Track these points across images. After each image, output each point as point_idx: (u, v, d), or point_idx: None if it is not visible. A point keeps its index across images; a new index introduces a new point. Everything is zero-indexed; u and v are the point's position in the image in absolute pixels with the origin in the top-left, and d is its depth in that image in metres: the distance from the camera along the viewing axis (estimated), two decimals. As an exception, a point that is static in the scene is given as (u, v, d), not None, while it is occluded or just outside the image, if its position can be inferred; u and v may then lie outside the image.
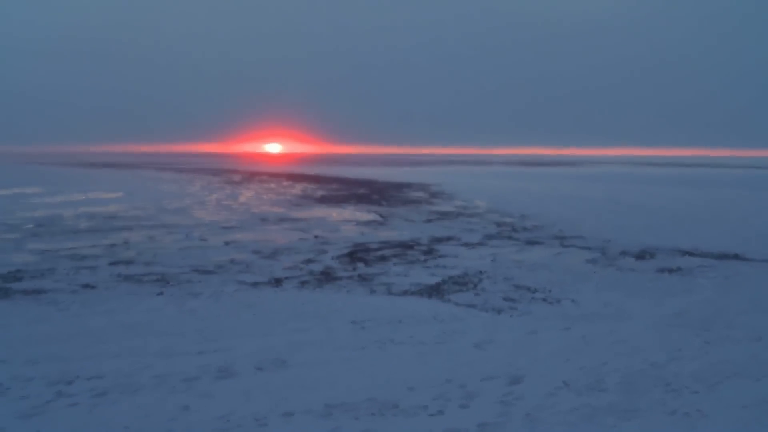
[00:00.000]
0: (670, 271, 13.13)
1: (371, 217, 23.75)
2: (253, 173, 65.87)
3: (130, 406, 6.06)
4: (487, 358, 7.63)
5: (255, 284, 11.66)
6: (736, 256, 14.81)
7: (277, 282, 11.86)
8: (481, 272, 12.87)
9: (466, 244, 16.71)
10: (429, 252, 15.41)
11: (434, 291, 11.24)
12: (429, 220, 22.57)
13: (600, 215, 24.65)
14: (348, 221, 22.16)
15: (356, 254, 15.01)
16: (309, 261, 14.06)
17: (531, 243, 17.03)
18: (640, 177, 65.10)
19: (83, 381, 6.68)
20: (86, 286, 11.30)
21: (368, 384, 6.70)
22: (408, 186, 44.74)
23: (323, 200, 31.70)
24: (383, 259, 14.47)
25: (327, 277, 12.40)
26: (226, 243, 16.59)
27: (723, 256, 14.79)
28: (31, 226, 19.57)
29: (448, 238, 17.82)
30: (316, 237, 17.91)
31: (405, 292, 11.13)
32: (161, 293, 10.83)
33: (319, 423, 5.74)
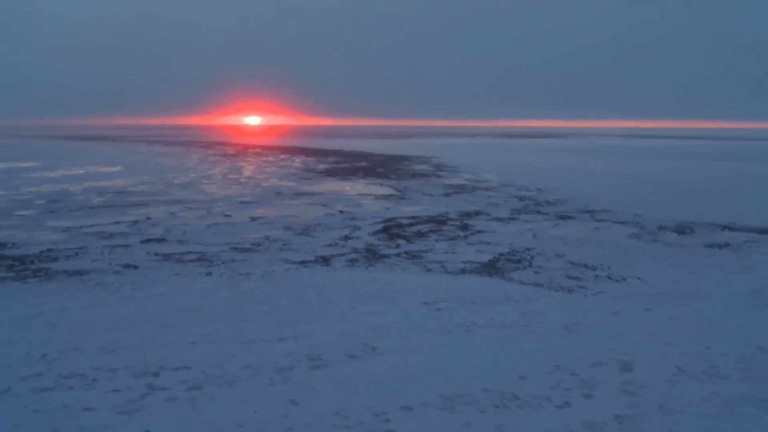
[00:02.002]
0: (720, 246, 12.87)
1: (387, 190, 23.27)
2: (245, 146, 64.81)
3: (233, 401, 5.63)
4: (582, 341, 7.28)
5: (303, 263, 11.20)
6: (779, 231, 14.63)
7: (325, 260, 11.41)
8: (528, 249, 12.52)
9: (498, 219, 16.35)
10: (464, 227, 15.02)
11: (491, 269, 10.86)
12: (447, 194, 22.15)
13: (615, 188, 24.40)
14: (366, 195, 21.67)
15: (391, 230, 14.57)
16: (346, 238, 13.60)
17: (563, 218, 16.70)
18: (632, 149, 65.10)
19: (170, 372, 6.22)
20: (128, 266, 10.76)
21: (475, 372, 6.31)
22: (407, 159, 44.20)
23: (330, 173, 31.10)
24: (421, 234, 14.06)
25: (373, 254, 11.96)
26: (252, 219, 16.06)
27: (765, 231, 14.58)
28: (42, 202, 18.84)
29: (477, 213, 17.44)
30: (341, 212, 17.42)
31: (462, 271, 10.74)
32: (209, 273, 10.33)
33: (445, 417, 5.35)
